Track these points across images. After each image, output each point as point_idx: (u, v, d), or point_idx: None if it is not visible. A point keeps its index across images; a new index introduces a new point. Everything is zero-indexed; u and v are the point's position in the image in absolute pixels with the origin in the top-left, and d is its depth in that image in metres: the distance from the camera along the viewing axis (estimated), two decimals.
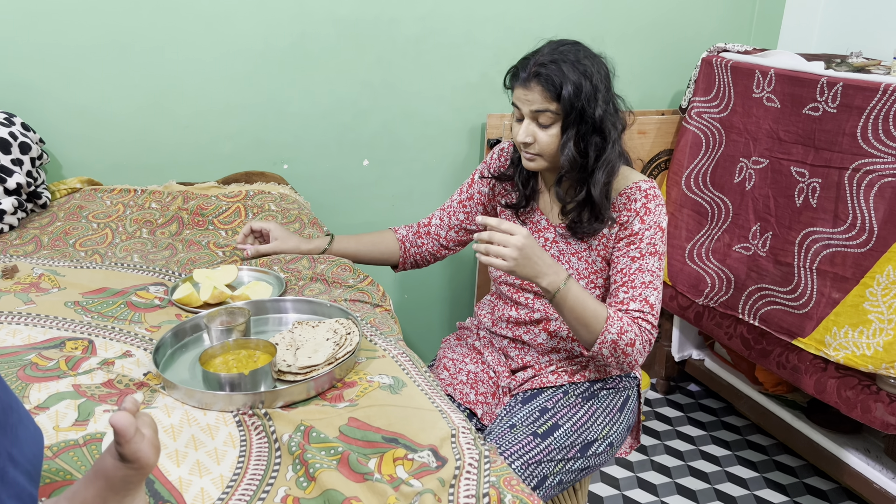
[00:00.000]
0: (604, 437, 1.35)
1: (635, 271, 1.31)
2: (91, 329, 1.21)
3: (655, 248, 1.33)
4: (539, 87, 1.28)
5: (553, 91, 1.26)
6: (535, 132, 1.31)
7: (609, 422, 1.38)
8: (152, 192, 1.79)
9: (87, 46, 1.83)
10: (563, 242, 1.42)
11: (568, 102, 1.26)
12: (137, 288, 1.38)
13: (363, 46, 2.07)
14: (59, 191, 1.81)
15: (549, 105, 1.28)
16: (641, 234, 1.32)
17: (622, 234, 1.35)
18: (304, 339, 1.16)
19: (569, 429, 1.31)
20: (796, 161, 1.86)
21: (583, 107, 1.27)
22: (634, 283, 1.31)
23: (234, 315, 1.20)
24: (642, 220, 1.33)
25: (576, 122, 1.28)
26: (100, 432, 0.94)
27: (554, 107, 1.28)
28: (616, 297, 1.33)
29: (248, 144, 2.06)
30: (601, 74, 1.30)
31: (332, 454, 0.90)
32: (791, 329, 1.86)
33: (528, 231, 1.27)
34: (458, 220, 1.60)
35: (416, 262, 1.67)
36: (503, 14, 2.18)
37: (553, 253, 1.43)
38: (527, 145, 1.33)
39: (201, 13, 1.89)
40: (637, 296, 1.31)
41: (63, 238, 1.59)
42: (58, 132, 1.86)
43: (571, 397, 1.38)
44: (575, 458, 1.30)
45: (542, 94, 1.28)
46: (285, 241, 1.54)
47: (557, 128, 1.30)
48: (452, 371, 1.48)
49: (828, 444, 1.95)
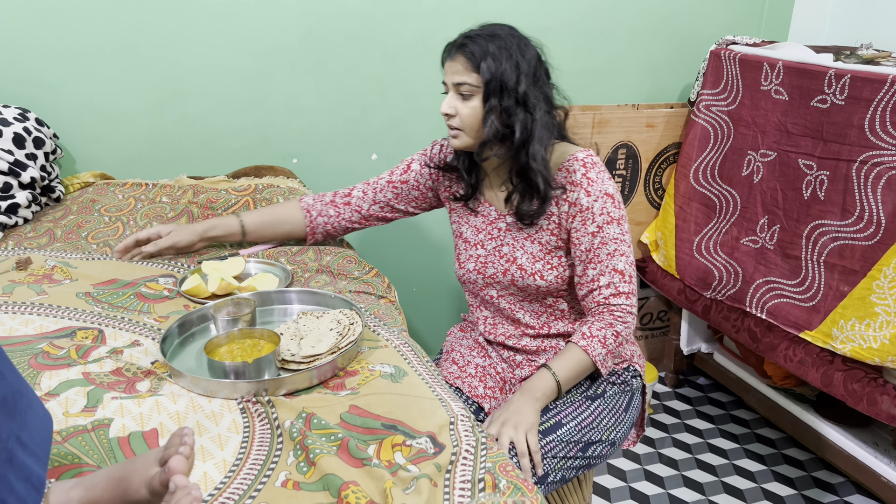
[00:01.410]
0: (606, 439, 1.36)
1: (598, 245, 1.32)
2: (101, 319, 1.24)
3: (610, 215, 1.32)
4: (462, 57, 1.30)
5: (473, 62, 1.28)
6: (456, 105, 1.32)
7: (614, 423, 1.38)
8: (163, 187, 1.82)
9: (99, 43, 1.86)
10: (516, 229, 1.42)
11: (487, 72, 1.27)
12: (147, 279, 1.41)
13: (371, 42, 2.08)
14: (72, 185, 1.84)
15: (469, 76, 1.29)
16: (591, 206, 1.32)
17: (573, 211, 1.34)
18: (308, 328, 1.18)
19: (572, 428, 1.31)
20: (804, 154, 1.85)
21: (503, 79, 1.28)
22: (600, 256, 1.32)
23: (240, 306, 1.23)
24: (588, 193, 1.32)
25: (497, 94, 1.29)
26: (107, 418, 0.97)
27: (473, 78, 1.29)
28: (586, 277, 1.34)
29: (257, 139, 2.08)
30: (525, 54, 1.31)
31: (333, 440, 0.92)
32: (798, 322, 1.85)
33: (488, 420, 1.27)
34: (384, 198, 1.58)
35: (328, 233, 1.62)
36: (511, 9, 2.19)
37: (507, 241, 1.43)
38: (449, 117, 1.34)
39: (210, 10, 1.92)
40: (605, 269, 1.32)
41: (76, 231, 1.62)
42: (71, 127, 1.90)
43: (575, 395, 1.39)
44: (576, 456, 1.31)
45: (463, 65, 1.29)
46: (180, 233, 1.53)
47: (477, 100, 1.30)
48: (461, 364, 1.49)
49: (836, 438, 1.95)
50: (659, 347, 2.64)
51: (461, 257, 1.49)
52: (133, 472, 0.79)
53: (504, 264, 1.42)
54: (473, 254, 1.47)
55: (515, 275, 1.40)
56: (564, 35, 2.27)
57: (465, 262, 1.48)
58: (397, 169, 1.59)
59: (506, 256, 1.42)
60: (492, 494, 0.85)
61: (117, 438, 0.93)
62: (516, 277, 1.40)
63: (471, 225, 1.49)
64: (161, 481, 0.76)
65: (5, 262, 1.46)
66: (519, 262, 1.40)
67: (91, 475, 0.82)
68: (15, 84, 1.82)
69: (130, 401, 1.01)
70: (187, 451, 0.80)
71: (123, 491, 0.78)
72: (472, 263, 1.47)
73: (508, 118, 1.30)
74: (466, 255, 1.48)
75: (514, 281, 1.41)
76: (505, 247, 1.43)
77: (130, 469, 0.80)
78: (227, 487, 0.86)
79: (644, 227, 2.46)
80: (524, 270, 1.39)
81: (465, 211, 1.50)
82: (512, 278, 1.41)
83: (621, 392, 1.44)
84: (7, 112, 1.69)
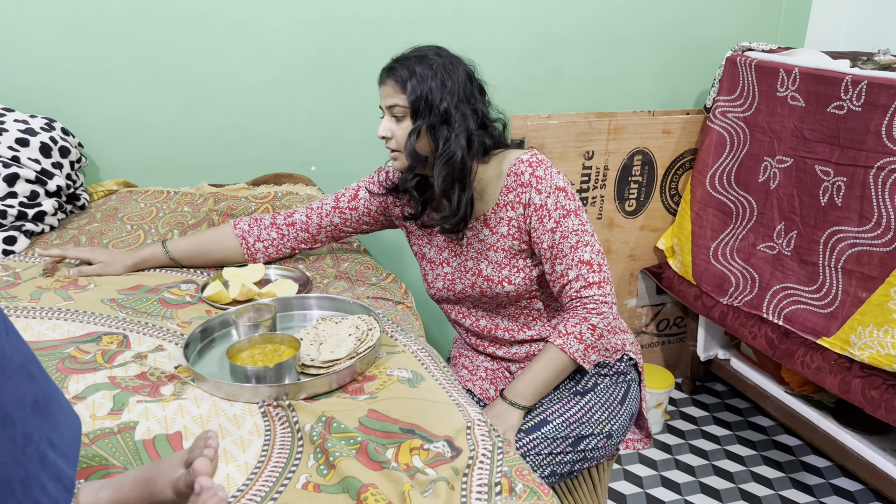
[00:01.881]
0: (600, 432, 1.36)
1: (559, 240, 1.33)
2: (126, 324, 1.27)
3: (565, 208, 1.33)
4: (391, 80, 1.32)
5: (401, 83, 1.30)
6: (391, 127, 1.34)
7: (608, 417, 1.38)
8: (184, 194, 1.86)
9: (123, 54, 1.90)
10: (477, 241, 1.43)
11: (413, 93, 1.29)
12: (169, 285, 1.44)
13: (388, 50, 2.09)
14: (96, 192, 1.88)
15: (398, 98, 1.31)
16: (545, 204, 1.33)
17: (528, 212, 1.35)
18: (327, 334, 1.21)
19: (559, 424, 1.32)
20: (821, 160, 1.85)
21: (428, 98, 1.29)
22: (563, 251, 1.33)
23: (261, 311, 1.25)
24: (539, 191, 1.33)
25: (423, 113, 1.30)
26: (133, 421, 1.00)
27: (402, 99, 1.31)
28: (555, 273, 1.35)
29: (277, 147, 2.11)
30: (452, 73, 1.32)
31: (352, 443, 0.94)
32: (816, 328, 1.85)
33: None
34: (331, 222, 1.56)
35: (271, 256, 1.58)
36: (526, 16, 2.21)
37: (470, 255, 1.44)
38: (386, 140, 1.35)
39: (231, 20, 1.95)
40: (571, 262, 1.33)
41: (99, 238, 1.66)
42: (96, 136, 1.94)
43: (562, 392, 1.39)
44: (565, 451, 1.31)
45: (393, 88, 1.32)
46: (110, 266, 1.49)
47: (409, 121, 1.32)
48: (471, 368, 1.51)
49: (855, 445, 1.94)
50: (675, 353, 2.64)
51: (428, 277, 1.51)
52: (159, 473, 0.82)
53: (471, 278, 1.44)
54: (440, 272, 1.49)
55: (483, 286, 1.42)
56: (580, 42, 2.28)
57: (434, 282, 1.50)
58: (343, 196, 1.57)
59: (471, 270, 1.44)
60: (508, 498, 0.87)
61: (143, 441, 0.96)
62: (484, 288, 1.42)
63: (433, 245, 1.50)
64: (186, 483, 0.78)
65: (33, 268, 1.49)
66: (485, 273, 1.42)
67: (119, 476, 0.84)
68: (42, 94, 1.87)
69: (155, 404, 1.03)
70: (211, 454, 0.83)
71: (150, 492, 0.80)
72: (440, 282, 1.49)
73: (435, 138, 1.31)
74: (434, 274, 1.50)
75: (483, 292, 1.43)
76: (469, 261, 1.44)
77: (157, 470, 0.82)
78: (249, 489, 0.88)
79: (660, 234, 2.46)
80: (491, 280, 1.41)
81: (422, 232, 1.51)
82: (481, 290, 1.43)
83: (614, 384, 1.44)
84: (34, 122, 1.73)
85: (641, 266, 2.49)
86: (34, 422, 0.68)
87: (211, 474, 0.81)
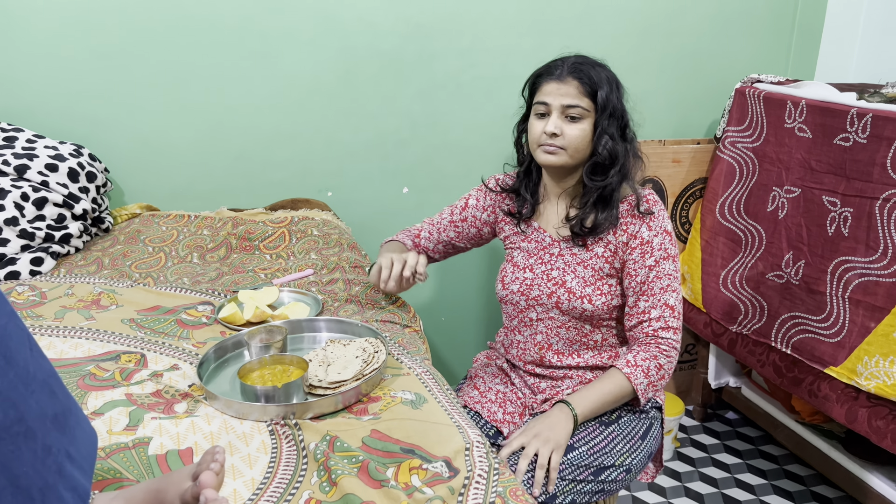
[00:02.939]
0: (620, 464, 1.38)
1: (653, 279, 1.37)
2: (144, 344, 1.33)
3: (667, 251, 1.39)
4: (576, 81, 1.37)
5: (588, 87, 1.37)
6: (562, 126, 1.39)
7: (629, 450, 1.40)
8: (205, 218, 1.92)
9: (149, 82, 1.99)
10: (569, 254, 1.47)
11: (604, 99, 1.37)
12: (187, 307, 1.50)
13: (405, 80, 2.17)
14: (120, 216, 1.96)
15: (582, 101, 1.37)
16: (651, 241, 1.38)
17: (633, 243, 1.40)
18: (335, 356, 1.25)
19: (584, 452, 1.35)
20: (828, 190, 1.87)
21: (613, 108, 1.38)
22: (654, 290, 1.37)
23: (273, 333, 1.30)
24: (650, 227, 1.39)
25: (607, 120, 1.38)
26: (147, 437, 1.04)
27: (586, 103, 1.37)
28: (637, 308, 1.39)
29: (295, 172, 2.18)
30: (621, 88, 1.43)
31: (354, 462, 0.98)
32: (823, 357, 1.86)
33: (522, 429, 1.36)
34: (447, 237, 1.65)
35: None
36: (539, 48, 2.26)
37: (558, 265, 1.48)
38: (553, 136, 1.39)
39: (254, 50, 2.03)
40: (657, 302, 1.37)
41: (121, 259, 1.73)
42: (121, 161, 2.02)
43: (590, 420, 1.42)
44: (587, 480, 1.34)
45: (577, 89, 1.37)
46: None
47: (586, 123, 1.39)
48: (482, 389, 1.54)
49: (865, 476, 1.93)
50: (687, 381, 2.64)
51: (506, 279, 1.54)
52: (169, 484, 0.86)
53: (551, 287, 1.47)
54: (520, 276, 1.52)
55: (562, 297, 1.45)
56: None
57: (510, 284, 1.53)
58: (456, 207, 1.65)
59: (554, 280, 1.47)
60: None
61: (155, 456, 1.01)
62: (562, 300, 1.45)
63: (522, 250, 1.54)
64: (193, 494, 0.82)
65: (57, 288, 1.56)
66: (568, 285, 1.45)
67: (131, 487, 0.89)
68: (72, 121, 1.95)
69: (168, 421, 1.08)
70: (217, 468, 0.87)
71: (160, 502, 0.85)
72: (516, 285, 1.52)
73: (613, 145, 1.39)
74: (512, 276, 1.53)
75: (558, 303, 1.46)
76: (555, 271, 1.48)
77: (167, 482, 0.87)
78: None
79: None
80: (573, 293, 1.44)
81: (517, 238, 1.56)
82: (557, 300, 1.46)
83: (637, 419, 1.46)
84: (63, 148, 1.81)
85: None
86: (54, 435, 0.72)
87: (217, 487, 0.86)
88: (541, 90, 1.42)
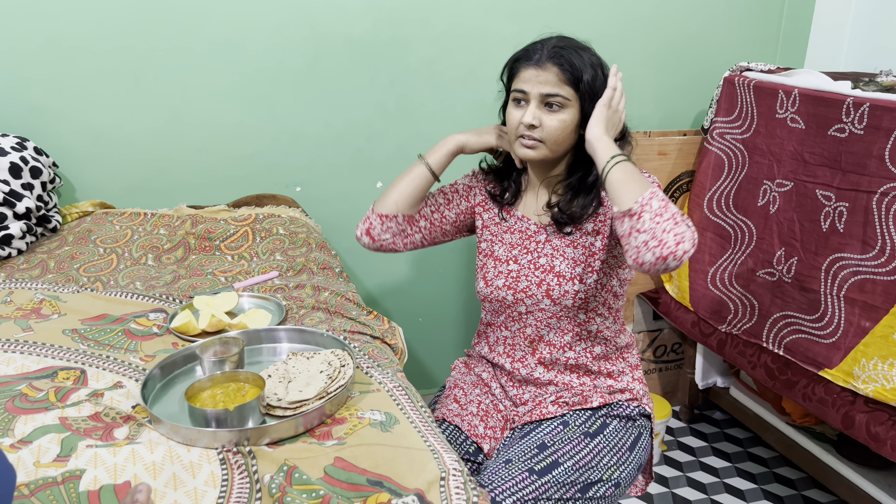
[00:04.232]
0: (609, 479, 1.29)
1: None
2: (85, 358, 1.20)
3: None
4: (556, 68, 1.26)
5: (569, 74, 1.26)
6: (541, 116, 1.28)
7: (617, 462, 1.31)
8: (162, 216, 1.79)
9: (101, 70, 1.85)
10: (557, 238, 1.38)
11: (589, 86, 1.26)
12: (137, 315, 1.37)
13: (377, 68, 2.05)
14: (70, 214, 1.82)
15: (563, 89, 1.26)
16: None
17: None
18: (297, 370, 1.13)
19: (569, 467, 1.25)
20: (822, 184, 1.78)
21: (595, 94, 1.28)
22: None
23: (228, 345, 1.18)
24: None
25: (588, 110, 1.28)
26: (79, 469, 0.92)
27: (567, 91, 1.27)
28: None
29: (260, 167, 2.05)
30: (605, 68, 1.32)
31: (314, 497, 0.87)
32: (817, 359, 1.77)
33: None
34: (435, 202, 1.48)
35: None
36: (519, 34, 2.13)
37: (545, 252, 1.38)
38: (531, 128, 1.29)
39: (215, 36, 1.90)
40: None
41: (69, 262, 1.59)
42: (72, 155, 1.88)
43: (573, 430, 1.31)
44: (574, 498, 1.24)
45: (557, 76, 1.26)
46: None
47: (567, 114, 1.28)
48: (462, 402, 1.44)
49: (858, 480, 1.86)
50: (673, 381, 2.56)
51: (488, 276, 1.43)
52: None
53: (539, 275, 1.37)
54: (503, 270, 1.41)
55: (552, 283, 1.35)
56: None
57: (494, 280, 1.42)
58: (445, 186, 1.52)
59: (542, 268, 1.37)
60: None
61: (87, 492, 0.88)
62: (552, 286, 1.35)
63: (504, 242, 1.44)
64: None
65: None
66: (557, 269, 1.35)
67: None
68: (16, 112, 1.81)
69: (105, 450, 0.96)
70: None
71: None
72: (501, 280, 1.41)
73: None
74: (495, 272, 1.42)
75: (548, 291, 1.35)
76: (542, 258, 1.38)
77: None
78: None
79: None
80: (562, 276, 1.34)
81: (498, 229, 1.45)
82: (547, 288, 1.35)
83: (624, 429, 1.36)
84: (4, 141, 1.67)
85: (638, 290, 2.42)
86: None
87: None
88: (518, 76, 1.31)
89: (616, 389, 1.42)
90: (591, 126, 1.26)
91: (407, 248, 1.47)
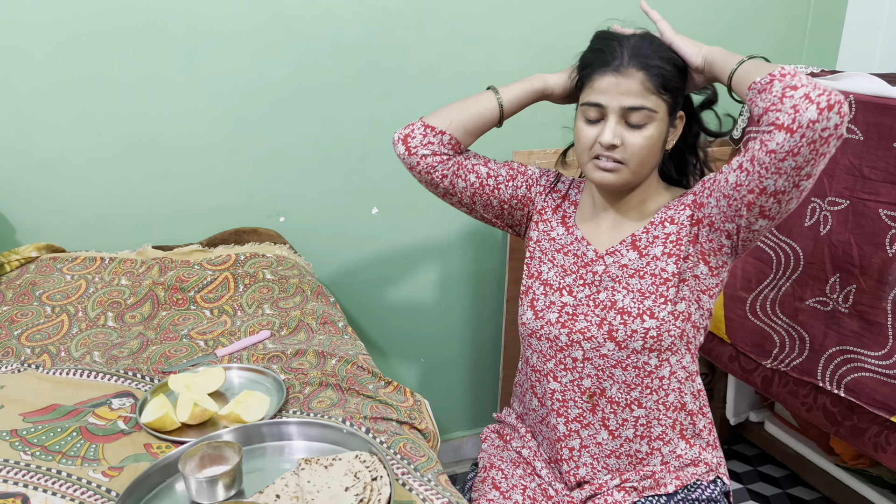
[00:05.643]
0: None
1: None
2: (28, 476, 0.91)
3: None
4: (641, 73, 1.04)
5: (658, 81, 1.05)
6: (623, 133, 1.06)
7: None
8: (122, 261, 1.50)
9: (43, 85, 1.55)
10: (617, 267, 1.14)
11: (676, 91, 1.09)
12: (96, 403, 1.08)
13: (369, 78, 1.79)
14: (8, 262, 1.50)
15: (648, 99, 1.05)
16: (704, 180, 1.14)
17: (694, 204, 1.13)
18: (314, 486, 0.86)
19: None
20: (886, 203, 1.58)
21: (678, 100, 1.12)
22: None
23: (220, 451, 0.90)
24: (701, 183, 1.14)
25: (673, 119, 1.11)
26: None
27: (653, 101, 1.05)
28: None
29: (237, 195, 1.77)
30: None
31: None
32: (887, 402, 1.56)
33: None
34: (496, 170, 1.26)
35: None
36: (528, 38, 1.91)
37: (605, 285, 1.14)
38: (612, 149, 1.06)
39: (180, 44, 1.61)
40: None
41: (7, 328, 1.29)
42: (9, 190, 1.57)
43: None
44: None
45: (642, 84, 1.04)
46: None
47: (653, 129, 1.06)
48: (503, 488, 1.18)
49: None
50: None
51: (537, 305, 1.17)
52: None
53: (600, 313, 1.12)
54: (557, 300, 1.16)
55: (615, 323, 1.10)
56: None
57: (545, 312, 1.16)
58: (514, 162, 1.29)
59: (602, 304, 1.13)
60: None
61: None
62: (615, 326, 1.10)
63: (556, 264, 1.19)
64: None
65: None
66: (620, 304, 1.11)
67: None
68: None
69: None
70: None
71: None
72: (554, 314, 1.15)
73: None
74: (546, 300, 1.17)
75: (611, 333, 1.11)
76: (602, 293, 1.13)
77: None
78: None
79: None
80: (627, 314, 1.10)
81: (550, 246, 1.20)
82: (609, 329, 1.11)
83: None
84: None
85: None
86: None
87: None
88: (591, 85, 1.07)
89: (688, 460, 1.19)
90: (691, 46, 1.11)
91: (444, 181, 1.23)
